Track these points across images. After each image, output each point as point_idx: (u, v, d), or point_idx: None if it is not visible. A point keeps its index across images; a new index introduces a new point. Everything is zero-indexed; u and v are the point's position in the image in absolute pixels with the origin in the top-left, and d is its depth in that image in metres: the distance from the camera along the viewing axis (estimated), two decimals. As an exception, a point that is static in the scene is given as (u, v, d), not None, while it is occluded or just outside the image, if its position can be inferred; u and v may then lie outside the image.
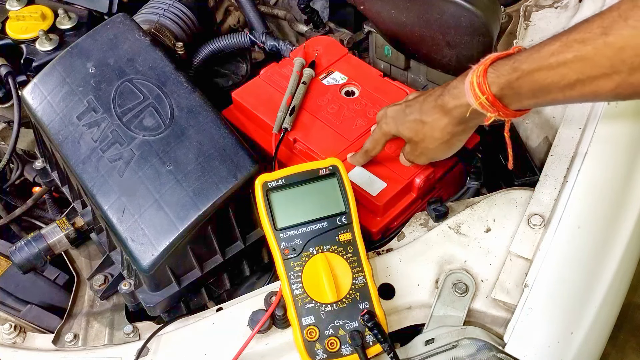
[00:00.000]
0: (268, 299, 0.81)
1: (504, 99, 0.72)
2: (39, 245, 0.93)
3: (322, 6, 1.38)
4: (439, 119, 0.80)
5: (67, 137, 0.91)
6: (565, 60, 0.66)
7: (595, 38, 0.64)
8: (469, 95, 0.74)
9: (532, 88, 0.70)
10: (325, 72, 1.08)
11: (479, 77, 0.72)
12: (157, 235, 0.82)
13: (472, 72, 0.74)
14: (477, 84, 0.72)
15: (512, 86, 0.71)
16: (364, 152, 0.92)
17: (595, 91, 0.67)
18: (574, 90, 0.67)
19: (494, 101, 0.72)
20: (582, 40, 0.65)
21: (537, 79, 0.69)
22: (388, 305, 0.81)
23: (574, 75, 0.66)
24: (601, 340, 0.80)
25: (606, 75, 0.65)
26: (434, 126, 0.81)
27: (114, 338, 0.91)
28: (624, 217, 0.83)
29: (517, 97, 0.72)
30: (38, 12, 1.17)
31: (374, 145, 0.91)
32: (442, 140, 0.82)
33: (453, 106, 0.77)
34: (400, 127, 0.85)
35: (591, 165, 0.86)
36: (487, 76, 0.72)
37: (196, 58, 1.24)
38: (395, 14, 0.98)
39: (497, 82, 0.71)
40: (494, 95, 0.72)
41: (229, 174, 0.84)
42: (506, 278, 0.81)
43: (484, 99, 0.72)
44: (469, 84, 0.74)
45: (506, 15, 1.13)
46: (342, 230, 0.80)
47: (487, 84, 0.72)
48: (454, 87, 0.77)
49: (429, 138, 0.82)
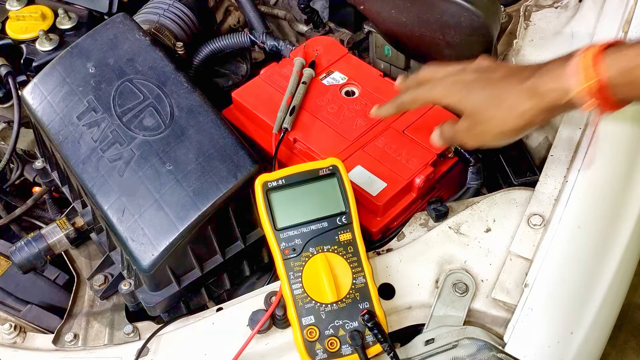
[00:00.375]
0: (268, 299, 0.81)
1: (614, 88, 0.65)
2: (39, 245, 0.93)
3: (322, 6, 1.38)
4: (523, 102, 0.71)
5: (67, 137, 0.91)
6: None
7: None
8: (574, 79, 0.66)
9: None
10: (325, 72, 1.08)
11: (592, 60, 0.65)
12: (157, 235, 0.82)
13: (578, 55, 0.67)
14: (589, 66, 0.65)
15: (632, 72, 0.64)
16: (399, 103, 0.85)
17: None
18: None
19: (602, 88, 0.65)
20: None
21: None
22: (388, 305, 0.81)
23: None
24: (601, 340, 0.80)
25: None
26: (512, 108, 0.72)
27: (114, 338, 0.91)
28: (624, 217, 0.83)
29: (630, 87, 0.65)
30: (38, 12, 1.17)
31: (412, 101, 0.83)
32: (514, 126, 0.73)
33: (548, 89, 0.69)
34: (464, 99, 0.76)
35: (591, 166, 0.86)
36: (604, 56, 0.65)
37: (196, 58, 1.24)
38: (395, 14, 0.98)
39: (614, 66, 0.65)
40: (605, 80, 0.65)
41: (229, 174, 0.84)
42: (506, 278, 0.81)
43: (593, 83, 0.65)
44: (577, 64, 0.67)
45: (506, 15, 1.13)
46: (342, 230, 0.80)
47: (603, 65, 0.65)
48: (550, 69, 0.70)
49: (499, 120, 0.73)
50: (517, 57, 1.05)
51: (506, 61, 1.05)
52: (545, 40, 1.06)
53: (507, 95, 0.73)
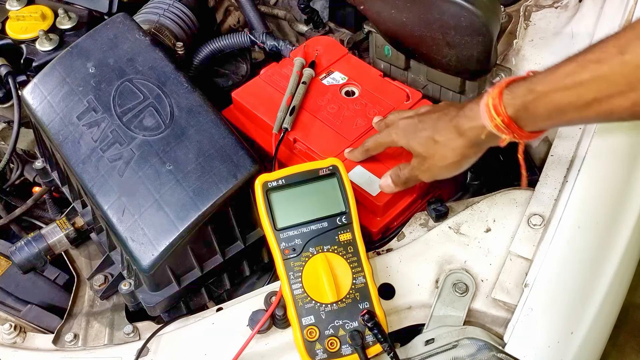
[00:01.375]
0: (268, 299, 0.81)
1: (519, 120, 0.72)
2: (39, 245, 0.93)
3: (322, 6, 1.38)
4: (453, 139, 0.79)
5: (67, 137, 0.91)
6: (581, 81, 0.66)
7: (611, 57, 0.64)
8: (484, 117, 0.74)
9: (547, 109, 0.70)
10: (325, 72, 1.08)
11: (495, 99, 0.72)
12: (157, 235, 0.82)
13: (487, 94, 0.74)
14: (493, 105, 0.72)
15: (527, 107, 0.71)
16: (365, 150, 0.92)
17: (611, 110, 0.67)
18: (590, 109, 0.67)
19: (510, 123, 0.72)
20: (597, 60, 0.65)
21: (553, 100, 0.69)
22: (388, 305, 0.81)
23: (590, 95, 0.66)
24: (601, 340, 0.80)
25: (623, 94, 0.64)
26: (446, 146, 0.80)
27: (114, 338, 0.91)
28: (624, 217, 0.83)
29: (533, 119, 0.72)
30: (38, 12, 1.17)
31: (376, 146, 0.91)
32: (452, 160, 0.81)
33: (468, 127, 0.77)
34: (411, 141, 0.84)
35: (591, 165, 0.86)
36: (502, 98, 0.72)
37: (196, 58, 1.24)
38: (395, 14, 0.98)
39: (512, 104, 0.71)
40: (509, 116, 0.72)
41: (229, 174, 0.84)
42: (506, 278, 0.81)
43: (499, 120, 0.72)
44: (484, 105, 0.74)
45: (506, 15, 1.13)
46: (342, 230, 0.80)
47: (502, 106, 0.72)
48: (470, 109, 0.77)
49: (439, 157, 0.81)
50: (517, 57, 1.05)
51: (506, 61, 1.05)
52: (545, 40, 1.06)
53: (440, 135, 0.81)
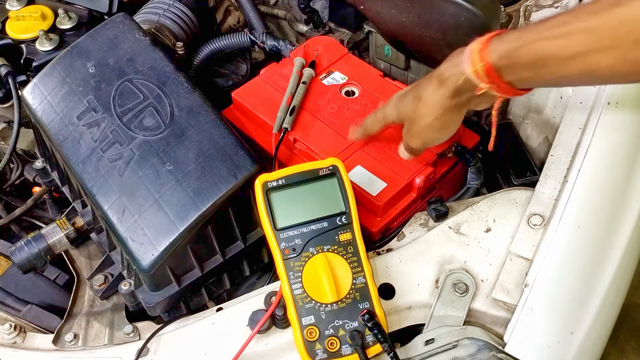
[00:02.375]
0: (268, 299, 0.81)
1: (501, 69, 0.72)
2: (39, 245, 0.93)
3: (322, 6, 1.38)
4: (434, 91, 0.79)
5: (67, 137, 0.91)
6: (569, 31, 0.66)
7: (605, 9, 0.64)
8: (466, 62, 0.73)
9: (530, 58, 0.69)
10: (325, 72, 1.08)
11: (482, 44, 0.72)
12: (157, 235, 0.82)
13: (476, 40, 0.73)
14: (479, 50, 0.72)
15: (510, 55, 0.70)
16: (363, 129, 0.93)
17: (592, 67, 0.66)
18: (572, 63, 0.67)
19: (489, 70, 0.71)
20: (591, 11, 0.65)
21: (538, 48, 0.68)
22: (388, 305, 0.81)
23: (574, 47, 0.66)
24: (601, 340, 0.80)
25: (605, 50, 0.65)
26: (428, 100, 0.80)
27: (114, 338, 0.91)
28: (624, 217, 0.83)
29: (513, 68, 0.71)
30: (38, 12, 1.17)
31: (372, 124, 0.91)
32: (435, 115, 0.80)
33: (449, 75, 0.76)
34: (400, 109, 0.85)
35: (591, 165, 0.86)
36: (490, 43, 0.72)
37: (196, 58, 1.24)
38: (395, 14, 0.98)
39: (497, 49, 0.71)
40: (490, 63, 0.71)
41: (229, 174, 0.84)
42: (506, 278, 0.81)
43: (480, 66, 0.72)
44: (469, 50, 0.73)
45: (506, 15, 1.13)
46: (342, 230, 0.80)
47: (487, 51, 0.71)
48: (454, 55, 0.77)
49: (423, 114, 0.81)
50: (517, 57, 1.05)
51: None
52: (545, 40, 1.05)
53: (423, 90, 0.81)
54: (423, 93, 0.81)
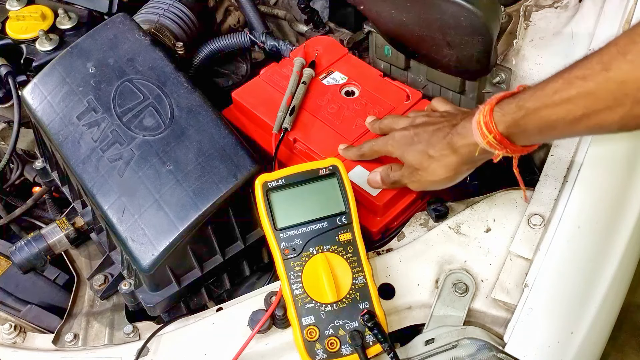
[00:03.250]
0: (268, 299, 0.81)
1: (512, 137, 0.73)
2: (39, 245, 0.93)
3: (322, 6, 1.37)
4: (447, 155, 0.80)
5: (67, 137, 0.91)
6: (569, 97, 0.67)
7: (597, 74, 0.64)
8: (477, 135, 0.74)
9: (538, 125, 0.70)
10: (325, 72, 1.08)
11: (486, 117, 0.73)
12: (157, 235, 0.82)
13: (478, 112, 0.74)
14: (484, 123, 0.73)
15: (518, 124, 0.71)
16: (360, 154, 0.93)
17: (600, 124, 0.67)
18: (580, 124, 0.68)
19: (502, 139, 0.73)
20: (583, 77, 0.66)
21: (543, 116, 0.69)
22: (388, 305, 0.81)
23: (579, 111, 0.67)
24: (601, 340, 0.80)
25: (610, 109, 0.65)
26: (440, 162, 0.81)
27: (114, 338, 0.91)
28: (624, 217, 0.83)
29: (524, 135, 0.73)
30: (38, 12, 1.17)
31: (371, 153, 0.92)
32: (444, 176, 0.82)
33: (461, 145, 0.78)
34: (405, 153, 0.85)
35: (591, 165, 0.86)
36: (493, 115, 0.73)
37: (196, 58, 1.24)
38: (395, 14, 0.98)
39: (503, 121, 0.72)
40: (501, 133, 0.72)
41: (229, 174, 0.84)
42: (506, 278, 0.81)
43: (492, 137, 0.73)
44: (476, 123, 0.74)
45: (506, 15, 1.13)
46: (342, 230, 0.80)
47: (493, 123, 0.72)
48: (462, 126, 0.78)
49: (432, 171, 0.82)
50: (517, 57, 1.05)
51: (506, 61, 1.05)
52: (545, 40, 1.06)
53: (434, 151, 0.81)
54: (434, 154, 0.81)
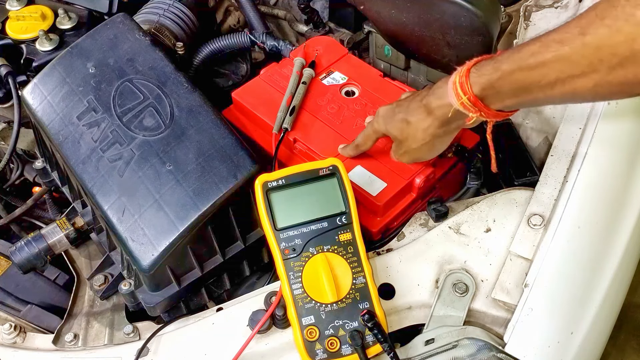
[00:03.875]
0: (268, 299, 0.81)
1: (486, 99, 0.73)
2: (39, 245, 0.93)
3: (322, 6, 1.38)
4: (423, 119, 0.81)
5: (67, 137, 0.91)
6: (544, 60, 0.67)
7: (574, 38, 0.64)
8: (451, 95, 0.75)
9: (512, 87, 0.71)
10: (325, 72, 1.08)
11: (462, 77, 0.73)
12: (157, 235, 0.82)
13: (455, 73, 0.75)
14: (460, 83, 0.73)
15: (493, 86, 0.72)
16: (355, 145, 0.94)
17: (574, 90, 0.67)
18: (554, 89, 0.68)
19: (476, 101, 0.73)
20: (560, 41, 0.66)
21: (518, 79, 0.70)
22: (388, 305, 0.81)
23: (553, 75, 0.67)
24: (601, 340, 0.80)
25: (585, 74, 0.65)
26: (417, 126, 0.82)
27: (114, 338, 0.91)
28: (624, 217, 0.83)
29: (499, 97, 0.73)
30: (38, 12, 1.18)
31: (364, 140, 0.92)
32: (424, 141, 0.83)
33: (436, 106, 0.78)
34: (388, 125, 0.86)
35: (591, 165, 0.86)
36: (469, 76, 0.73)
37: (196, 58, 1.24)
38: (395, 14, 0.98)
39: (478, 82, 0.72)
40: (475, 95, 0.73)
41: (229, 174, 0.84)
42: (506, 278, 0.81)
43: (466, 98, 0.73)
44: (452, 83, 0.75)
45: (506, 15, 1.13)
46: (342, 230, 0.80)
47: (469, 84, 0.73)
48: (438, 87, 0.78)
49: (412, 138, 0.83)
50: (517, 57, 1.05)
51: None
52: (545, 40, 1.05)
53: (411, 115, 0.82)
54: (411, 119, 0.82)
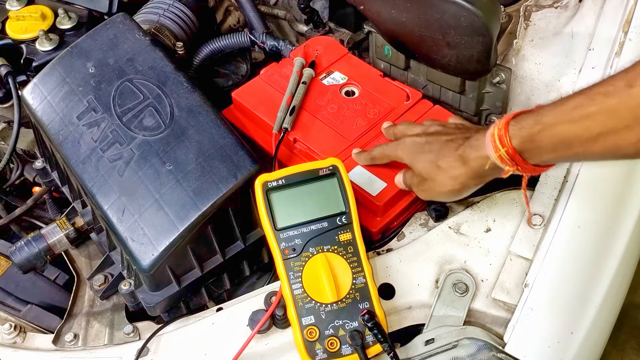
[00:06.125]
0: (268, 299, 0.81)
1: (524, 152, 0.72)
2: (39, 245, 0.93)
3: (322, 6, 1.37)
4: (456, 167, 0.79)
5: (67, 137, 0.91)
6: (588, 113, 0.66)
7: (620, 91, 0.64)
8: (489, 148, 0.73)
9: (553, 141, 0.70)
10: (325, 72, 1.08)
11: (501, 130, 0.72)
12: (157, 235, 0.82)
13: (494, 125, 0.74)
14: (498, 136, 0.72)
15: (533, 139, 0.70)
16: (371, 157, 0.93)
17: (617, 144, 0.66)
18: (596, 143, 0.67)
19: (514, 154, 0.72)
20: (605, 93, 0.65)
21: (560, 132, 0.68)
22: (388, 305, 0.81)
23: (597, 128, 0.66)
24: (601, 340, 0.80)
25: (629, 128, 0.64)
26: (448, 173, 0.80)
27: (114, 338, 0.91)
28: (624, 217, 0.83)
29: (537, 151, 0.71)
30: (38, 12, 1.17)
31: (381, 157, 0.91)
32: (451, 188, 0.81)
33: (472, 157, 0.77)
34: (414, 161, 0.84)
35: (591, 165, 0.86)
36: (508, 129, 0.72)
37: (196, 58, 1.24)
38: (395, 14, 0.98)
39: (518, 135, 0.71)
40: (514, 148, 0.71)
41: (229, 173, 0.84)
42: (506, 278, 0.81)
43: (504, 151, 0.72)
44: (490, 136, 0.73)
45: (506, 15, 1.13)
46: (342, 230, 0.80)
47: (508, 137, 0.72)
48: (476, 138, 0.77)
49: (439, 182, 0.81)
50: (517, 57, 1.05)
51: (506, 61, 1.05)
52: (545, 40, 1.06)
53: (443, 162, 0.80)
54: (443, 164, 0.80)
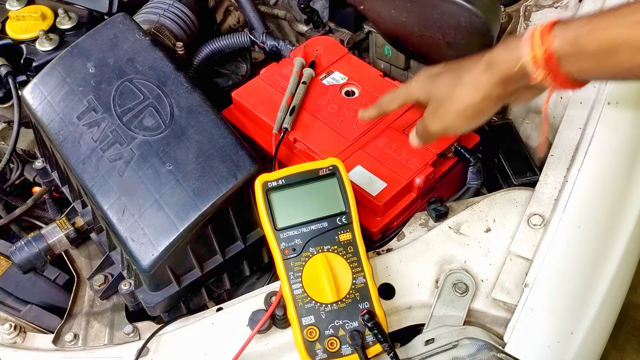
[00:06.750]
0: (268, 299, 0.81)
1: (562, 57, 0.67)
2: (39, 245, 0.93)
3: (322, 6, 1.38)
4: (479, 74, 0.74)
5: (67, 137, 0.91)
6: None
7: None
8: (525, 46, 0.69)
9: (600, 45, 0.65)
10: (325, 72, 1.08)
11: (545, 28, 0.68)
12: (157, 235, 0.82)
13: (533, 27, 0.69)
14: (541, 33, 0.67)
15: (577, 42, 0.66)
16: (378, 105, 0.90)
17: None
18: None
19: (550, 57, 0.67)
20: None
21: (609, 35, 0.64)
22: (388, 305, 0.81)
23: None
24: (601, 340, 0.80)
25: None
26: (469, 84, 0.75)
27: (114, 338, 0.91)
28: (624, 217, 0.83)
29: (577, 57, 0.67)
30: (38, 12, 1.17)
31: (390, 100, 0.88)
32: (472, 102, 0.76)
33: (501, 59, 0.72)
34: (432, 87, 0.80)
35: (591, 165, 0.86)
36: (553, 28, 0.67)
37: (196, 58, 1.24)
38: (395, 14, 0.98)
39: (563, 35, 0.67)
40: (553, 49, 0.67)
41: (229, 174, 0.84)
42: (506, 278, 0.81)
43: (541, 52, 0.67)
44: (530, 32, 0.69)
45: (506, 15, 1.13)
46: (342, 230, 0.80)
47: (551, 36, 0.67)
48: (506, 41, 0.73)
49: (458, 98, 0.77)
50: (517, 57, 1.05)
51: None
52: (545, 40, 1.05)
53: (466, 73, 0.76)
54: (465, 76, 0.76)
